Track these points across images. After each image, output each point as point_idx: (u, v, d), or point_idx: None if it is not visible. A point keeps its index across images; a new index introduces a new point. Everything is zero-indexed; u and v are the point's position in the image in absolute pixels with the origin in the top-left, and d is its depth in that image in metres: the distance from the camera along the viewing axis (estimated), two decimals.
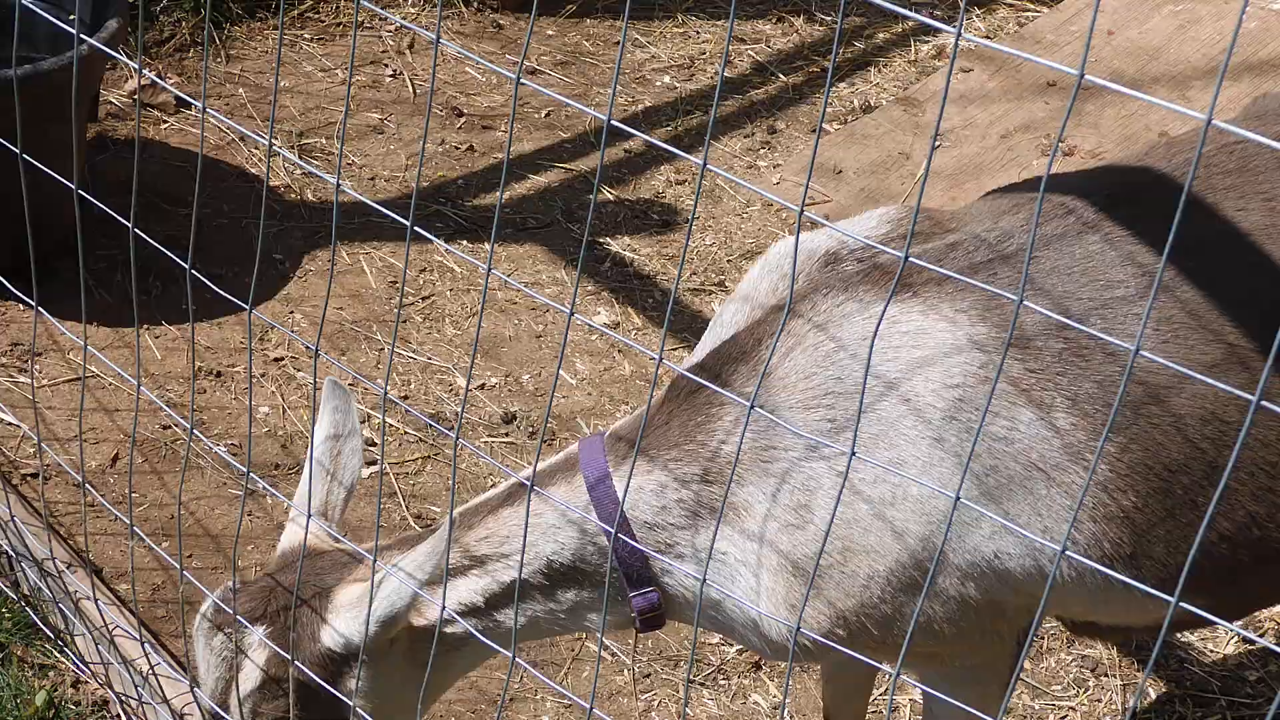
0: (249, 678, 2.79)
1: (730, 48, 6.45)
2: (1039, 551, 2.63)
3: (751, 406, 2.03)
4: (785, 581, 2.67)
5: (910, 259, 1.76)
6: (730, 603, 2.78)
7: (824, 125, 6.00)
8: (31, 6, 2.77)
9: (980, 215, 2.87)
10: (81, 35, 2.58)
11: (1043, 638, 4.12)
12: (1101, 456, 2.60)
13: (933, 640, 2.73)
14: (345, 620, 2.74)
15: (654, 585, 2.80)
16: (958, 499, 1.87)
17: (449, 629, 2.82)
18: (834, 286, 2.74)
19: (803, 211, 1.64)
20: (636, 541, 2.77)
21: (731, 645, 4.06)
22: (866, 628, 2.68)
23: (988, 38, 6.53)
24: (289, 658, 2.74)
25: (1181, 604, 1.76)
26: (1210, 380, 1.65)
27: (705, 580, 2.45)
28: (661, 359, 2.12)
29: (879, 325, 2.01)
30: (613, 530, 2.70)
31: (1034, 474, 2.60)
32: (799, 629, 2.62)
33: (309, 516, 2.87)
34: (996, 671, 2.91)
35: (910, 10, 6.58)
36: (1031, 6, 6.73)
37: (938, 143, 5.84)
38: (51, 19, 2.76)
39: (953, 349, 2.61)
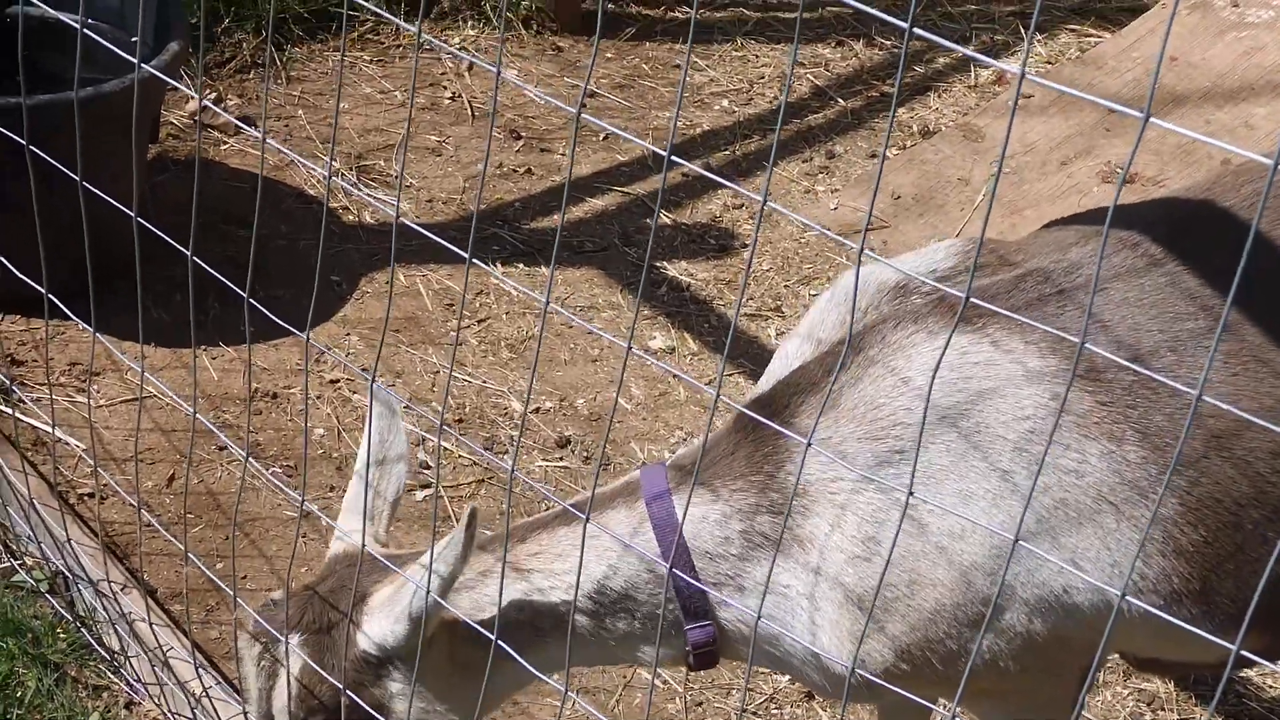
0: (284, 687, 2.79)
1: (791, 71, 6.44)
2: (1106, 585, 2.60)
3: (809, 444, 2.01)
4: (850, 614, 2.64)
5: (973, 299, 1.74)
6: (790, 640, 2.75)
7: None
8: (91, 35, 2.77)
9: (1047, 247, 2.84)
10: (142, 60, 2.59)
11: (1099, 670, 4.08)
12: (1171, 491, 2.58)
13: (996, 676, 2.70)
14: (376, 622, 2.72)
15: (710, 619, 2.77)
16: (1016, 539, 1.85)
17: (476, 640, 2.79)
18: (903, 318, 2.72)
19: (863, 250, 1.63)
20: (696, 572, 2.74)
21: (784, 675, 4.03)
22: (930, 662, 2.65)
23: (1049, 63, 6.50)
24: (324, 671, 2.73)
25: (1241, 649, 1.73)
26: (1271, 426, 1.63)
27: (760, 615, 2.43)
28: (720, 392, 2.10)
29: (941, 357, 1.99)
30: (670, 563, 2.68)
31: (1104, 508, 2.57)
32: (854, 666, 2.59)
33: (363, 529, 2.86)
34: (1058, 709, 2.87)
35: (970, 33, 6.55)
36: (1094, 32, 6.69)
37: (998, 169, 5.81)
38: (111, 46, 2.77)
39: (1023, 381, 2.59)
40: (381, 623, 2.72)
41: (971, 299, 1.74)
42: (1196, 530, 2.59)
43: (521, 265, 5.36)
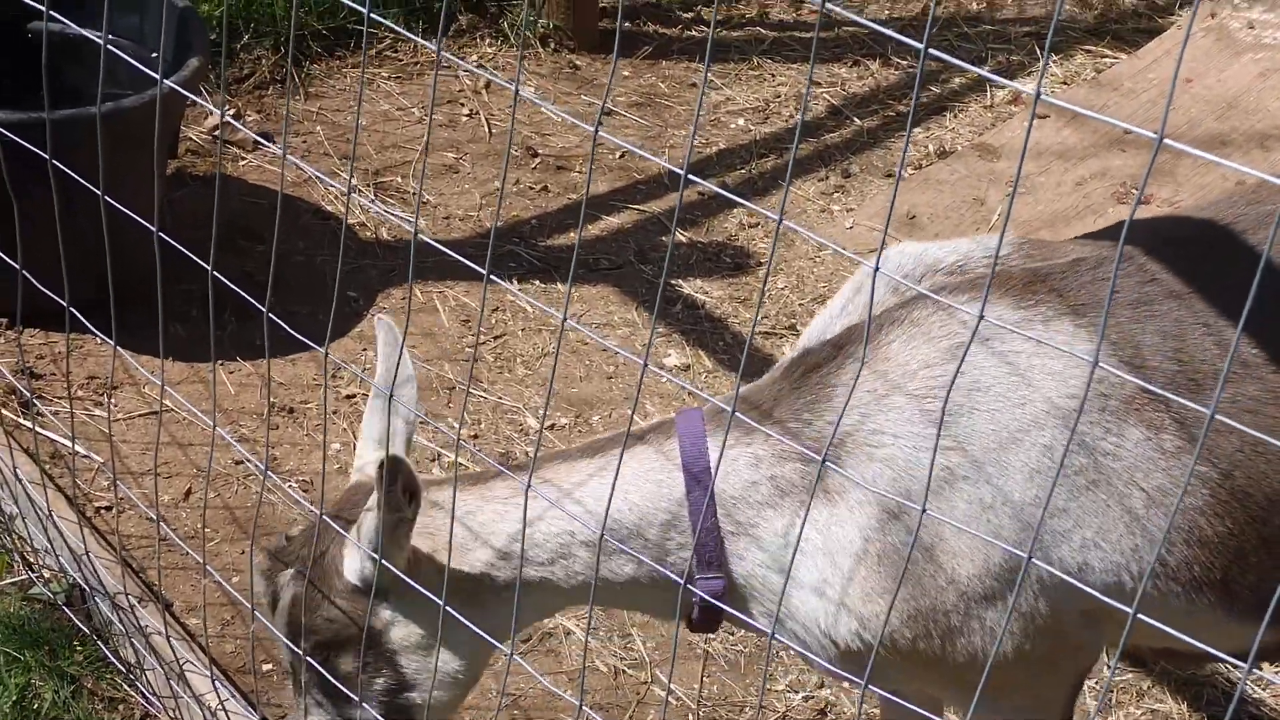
0: (281, 615, 2.81)
1: (808, 91, 6.46)
2: (1123, 568, 2.62)
3: (824, 461, 2.02)
4: (866, 572, 2.63)
5: (988, 318, 1.76)
6: (799, 595, 2.71)
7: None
8: (114, 50, 2.79)
9: (1098, 240, 2.87)
10: (162, 76, 2.61)
11: (1112, 690, 4.08)
12: (1202, 482, 2.60)
13: (994, 665, 2.69)
14: (351, 555, 2.72)
15: (723, 571, 2.72)
16: (1029, 559, 1.86)
17: (472, 568, 2.77)
18: (958, 288, 2.74)
19: (876, 271, 1.64)
20: (717, 518, 2.70)
21: (797, 693, 4.04)
22: (930, 634, 2.65)
23: (1065, 84, 6.51)
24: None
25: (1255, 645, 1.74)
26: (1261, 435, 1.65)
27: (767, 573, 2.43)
28: (734, 409, 2.12)
29: (970, 340, 2.00)
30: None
31: (1134, 492, 2.59)
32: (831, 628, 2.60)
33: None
34: (1051, 713, 2.87)
35: (985, 54, 6.56)
36: (1109, 53, 6.70)
37: (1014, 189, 5.81)
38: (133, 61, 2.79)
39: (1070, 361, 2.61)
40: (354, 555, 2.72)
41: (985, 318, 1.75)
42: (1223, 522, 2.61)
43: (538, 282, 5.37)
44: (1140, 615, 1.75)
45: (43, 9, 2.81)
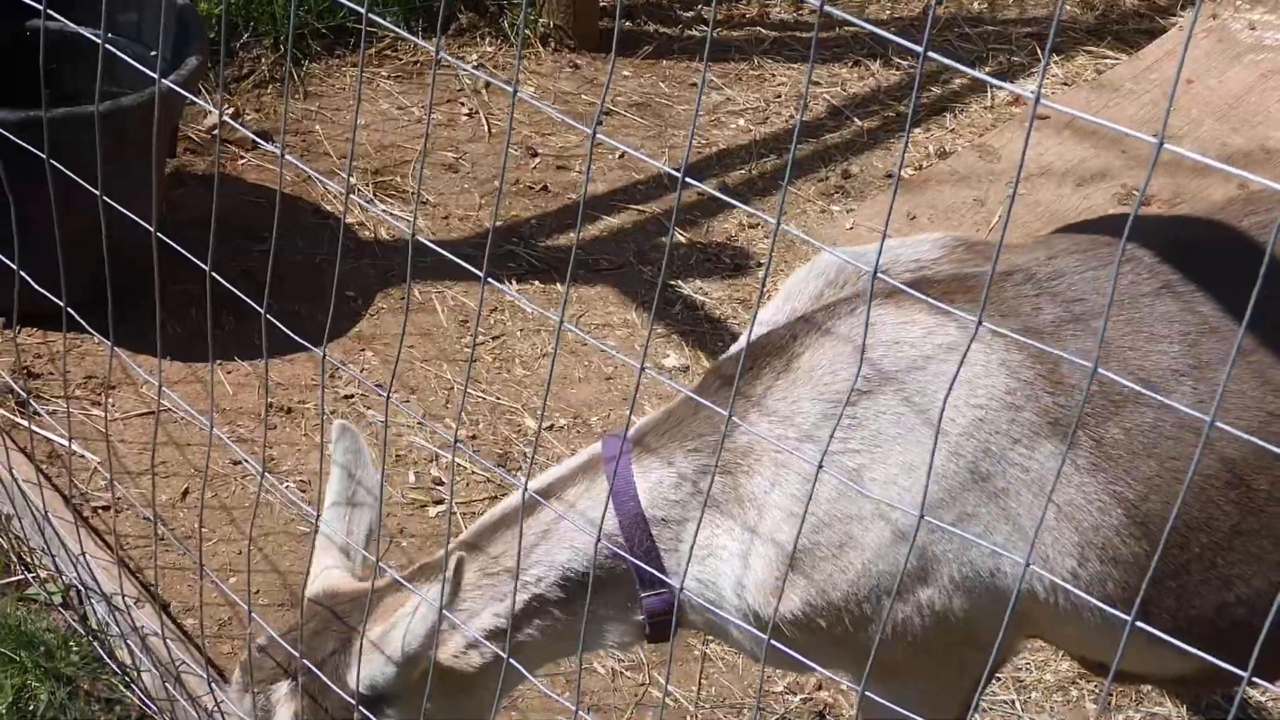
0: None
1: (806, 91, 6.44)
2: (1035, 576, 2.66)
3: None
4: (777, 570, 2.69)
5: (986, 323, 1.75)
6: (728, 602, 2.78)
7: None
8: (112, 49, 2.78)
9: (1035, 250, 2.86)
10: (161, 74, 2.60)
11: (1111, 694, 4.07)
12: (1117, 502, 2.60)
13: (898, 648, 2.72)
14: (366, 663, 2.74)
15: (666, 587, 2.80)
16: (1028, 564, 1.85)
17: (477, 660, 2.81)
18: (879, 293, 2.76)
19: (875, 272, 1.64)
20: (653, 540, 2.77)
21: (795, 694, 4.03)
22: (843, 622, 2.69)
23: (1066, 84, 6.50)
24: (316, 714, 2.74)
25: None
26: (1260, 442, 1.66)
27: (688, 581, 2.43)
28: (731, 412, 2.11)
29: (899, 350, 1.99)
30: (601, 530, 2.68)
31: (1044, 504, 2.61)
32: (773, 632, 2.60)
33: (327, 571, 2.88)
34: (945, 705, 2.90)
35: (986, 54, 6.54)
36: (1110, 54, 6.69)
37: (1013, 191, 5.81)
38: (130, 60, 2.78)
39: (983, 369, 2.64)
40: (372, 663, 2.74)
41: (984, 324, 1.74)
42: (1140, 543, 2.62)
43: (537, 282, 5.36)
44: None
45: (40, 7, 2.79)
